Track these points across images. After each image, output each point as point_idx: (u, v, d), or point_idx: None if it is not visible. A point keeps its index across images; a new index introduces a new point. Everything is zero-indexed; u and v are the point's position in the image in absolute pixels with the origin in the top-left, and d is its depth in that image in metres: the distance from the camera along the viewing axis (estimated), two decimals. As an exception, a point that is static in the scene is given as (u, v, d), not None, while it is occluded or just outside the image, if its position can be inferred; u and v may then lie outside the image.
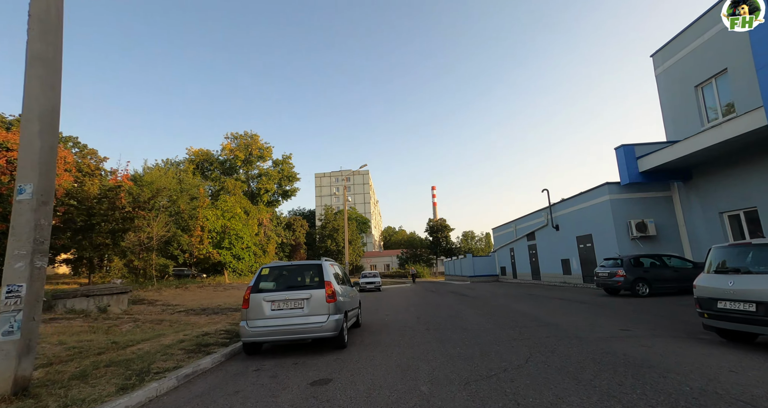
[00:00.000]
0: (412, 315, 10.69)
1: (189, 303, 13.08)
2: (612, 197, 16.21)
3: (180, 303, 13.05)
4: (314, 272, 6.36)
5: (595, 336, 6.23)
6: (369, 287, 25.62)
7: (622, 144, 15.30)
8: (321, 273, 6.19)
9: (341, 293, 6.55)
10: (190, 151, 41.35)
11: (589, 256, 18.27)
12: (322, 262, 6.41)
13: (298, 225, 59.91)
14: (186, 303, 13.19)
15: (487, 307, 11.68)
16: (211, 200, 30.45)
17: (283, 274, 6.43)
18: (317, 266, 6.35)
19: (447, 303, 14.18)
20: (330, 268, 6.56)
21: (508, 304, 12.32)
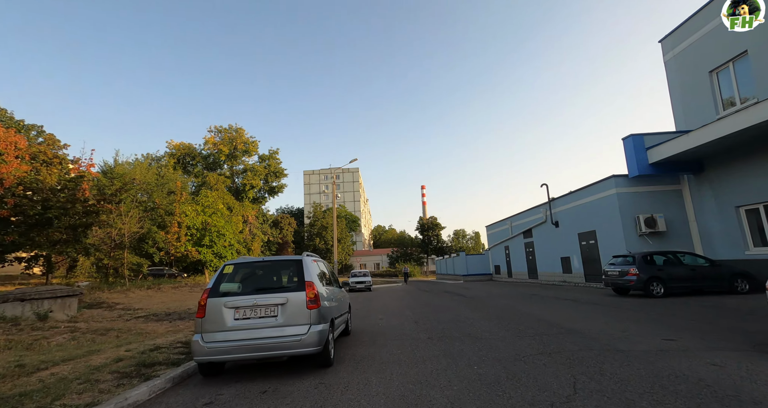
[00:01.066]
0: (408, 319, 9.45)
1: (155, 306, 11.61)
2: (619, 191, 15.23)
3: (145, 306, 11.55)
4: (292, 271, 5.05)
5: (638, 349, 5.07)
6: (359, 287, 24.34)
7: (631, 133, 14.32)
8: (301, 271, 4.89)
9: (327, 296, 5.26)
10: (170, 145, 39.37)
11: (593, 253, 17.30)
12: (303, 258, 5.12)
13: (285, 223, 58.20)
14: (152, 306, 11.70)
15: (491, 310, 10.52)
16: (192, 196, 28.71)
17: (252, 273, 5.11)
18: (296, 263, 5.05)
19: (445, 304, 12.99)
20: (313, 266, 5.27)
21: (514, 306, 11.19)
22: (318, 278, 5.18)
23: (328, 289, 5.59)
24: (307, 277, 4.80)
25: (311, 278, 4.83)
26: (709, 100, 13.44)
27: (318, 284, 4.97)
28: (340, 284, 7.42)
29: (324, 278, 5.82)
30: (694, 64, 13.97)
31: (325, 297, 5.15)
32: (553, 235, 21.12)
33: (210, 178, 33.13)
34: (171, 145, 39.33)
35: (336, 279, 7.24)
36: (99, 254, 18.65)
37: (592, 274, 17.43)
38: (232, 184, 43.21)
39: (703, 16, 13.55)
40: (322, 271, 6.16)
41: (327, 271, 6.52)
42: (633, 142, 14.26)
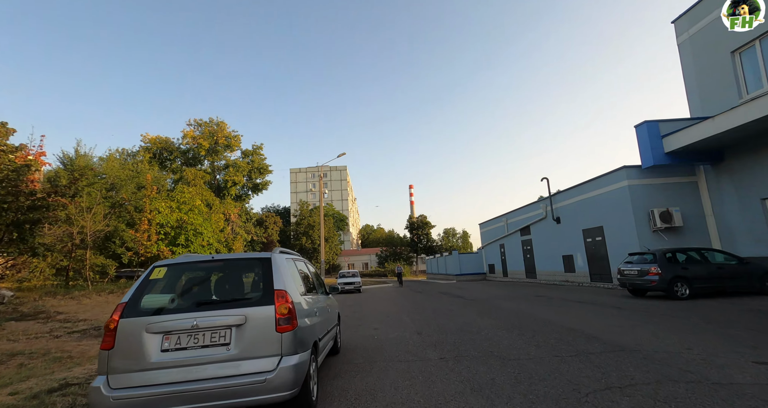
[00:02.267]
0: (409, 328, 7.99)
1: (107, 315, 9.87)
2: (631, 183, 14.07)
3: (93, 316, 9.77)
4: (257, 274, 3.48)
5: (738, 380, 3.70)
6: (348, 288, 22.80)
7: (645, 120, 13.18)
8: (269, 275, 3.35)
9: (307, 310, 3.74)
10: (145, 138, 36.96)
11: (599, 251, 16.15)
12: (273, 256, 3.57)
13: (270, 222, 56.09)
14: (102, 316, 9.93)
15: (501, 314, 9.14)
16: (168, 191, 26.64)
17: (196, 280, 3.55)
18: (262, 263, 3.48)
19: (445, 308, 11.58)
20: (287, 267, 3.72)
21: (525, 310, 9.84)
22: (295, 284, 3.65)
23: (310, 299, 4.07)
24: (278, 284, 3.27)
25: (284, 285, 3.30)
26: (730, 83, 12.37)
27: (294, 293, 3.44)
28: (327, 289, 5.90)
29: (305, 283, 4.30)
30: (713, 45, 12.89)
31: (305, 311, 3.63)
32: (554, 231, 19.96)
33: (188, 174, 31.02)
34: (146, 139, 36.91)
35: (322, 283, 5.72)
36: (57, 255, 16.62)
37: (599, 274, 16.29)
38: (213, 180, 41.05)
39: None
40: (305, 274, 4.64)
41: (310, 274, 5.00)
42: (647, 130, 13.10)
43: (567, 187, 18.48)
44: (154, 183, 22.82)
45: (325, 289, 5.67)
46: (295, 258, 4.49)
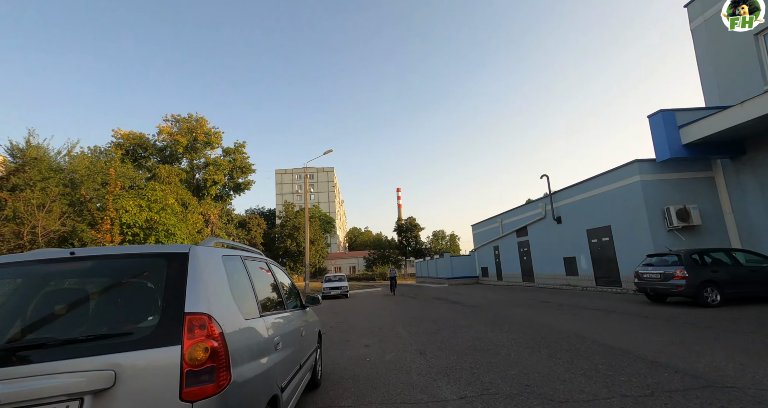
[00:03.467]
0: (408, 346, 6.50)
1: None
2: (644, 178, 12.93)
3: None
4: (155, 285, 1.90)
5: None
6: (334, 293, 21.17)
7: (660, 109, 12.06)
8: (177, 287, 1.78)
9: (260, 344, 2.20)
10: (117, 134, 34.52)
11: (606, 252, 14.98)
12: (191, 252, 1.97)
13: (254, 224, 53.85)
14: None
15: (516, 327, 7.72)
16: (138, 189, 24.54)
17: (26, 296, 1.93)
18: (167, 265, 1.89)
19: (446, 317, 10.12)
20: (218, 271, 2.09)
21: (538, 319, 8.46)
22: (236, 301, 2.09)
23: (270, 323, 2.54)
24: (194, 302, 1.72)
25: (206, 304, 1.76)
26: (753, 69, 11.37)
27: (230, 316, 1.90)
28: (304, 300, 4.33)
29: (263, 297, 2.76)
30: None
31: (256, 346, 2.12)
32: (554, 232, 18.79)
33: (161, 170, 28.89)
34: (118, 134, 34.46)
35: (295, 293, 4.17)
36: (0, 257, 14.53)
37: (605, 277, 15.11)
38: (192, 179, 38.85)
39: (743, -29, 11.47)
40: (265, 282, 3.10)
41: (276, 281, 3.45)
42: (663, 120, 11.99)
43: (569, 185, 17.32)
44: (120, 178, 20.78)
45: (300, 302, 4.14)
46: (250, 256, 2.93)
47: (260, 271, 3.07)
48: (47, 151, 18.42)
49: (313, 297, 4.32)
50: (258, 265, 3.05)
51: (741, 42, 11.68)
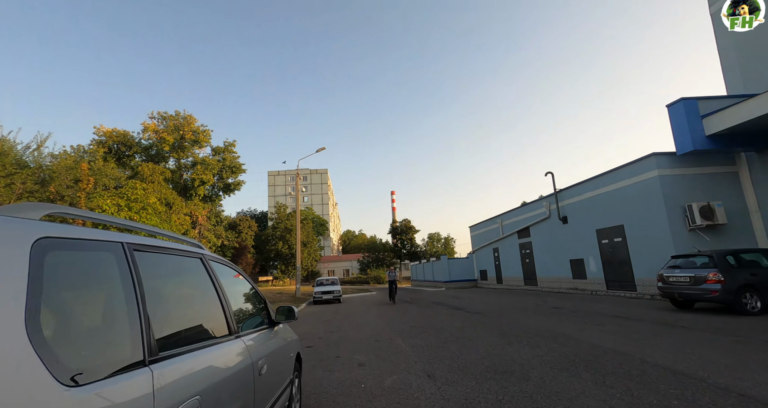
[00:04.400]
0: (413, 365, 5.34)
1: None
2: (662, 173, 11.94)
3: None
4: None
5: None
6: (326, 298, 19.91)
7: (682, 97, 11.12)
8: None
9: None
10: (99, 131, 32.95)
11: (618, 254, 13.96)
12: None
13: (245, 226, 52.36)
14: None
15: (531, 338, 6.59)
16: (116, 187, 23.12)
17: None
18: None
19: (450, 325, 8.96)
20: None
21: (559, 330, 7.31)
22: (55, 336, 0.91)
23: (182, 368, 1.37)
24: None
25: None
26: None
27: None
28: (272, 314, 3.07)
29: (187, 315, 1.60)
30: (759, 10, 10.98)
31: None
32: (559, 233, 17.77)
33: (144, 169, 27.42)
34: (100, 132, 32.88)
35: (259, 304, 2.97)
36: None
37: (618, 281, 14.08)
38: (180, 179, 37.37)
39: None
40: (197, 292, 1.92)
41: (217, 285, 2.23)
42: (684, 109, 11.03)
43: (577, 182, 16.32)
44: (96, 175, 19.39)
45: (268, 318, 2.96)
46: (145, 246, 1.68)
47: (176, 271, 1.87)
48: (13, 145, 17.04)
49: (287, 308, 3.13)
50: (174, 262, 1.84)
51: (766, 25, 10.78)
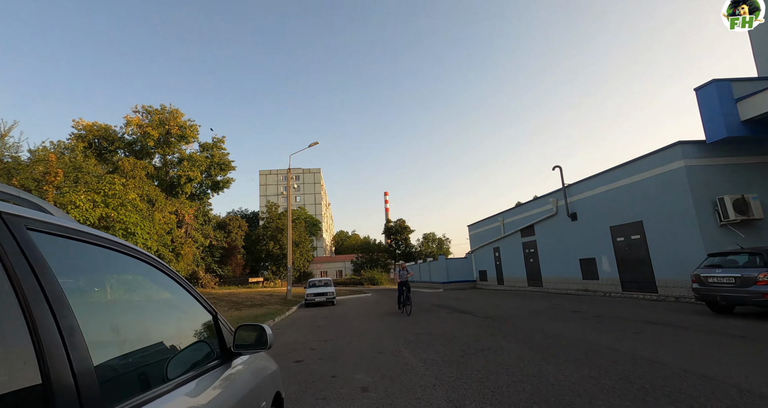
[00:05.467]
0: (431, 389, 4.12)
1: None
2: (689, 163, 10.92)
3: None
4: None
5: None
6: (319, 300, 18.61)
7: (713, 79, 10.10)
8: None
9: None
10: (78, 125, 31.18)
11: (636, 253, 12.93)
12: None
13: (234, 225, 50.69)
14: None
15: (571, 352, 5.40)
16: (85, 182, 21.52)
17: None
18: None
19: (460, 332, 7.76)
20: None
21: (598, 341, 6.12)
22: None
23: None
24: None
25: None
26: (825, 30, 9.49)
27: None
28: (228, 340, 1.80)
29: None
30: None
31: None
32: (567, 230, 16.73)
33: (124, 163, 25.85)
34: (79, 125, 31.10)
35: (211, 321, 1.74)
36: None
37: (635, 281, 13.05)
38: (165, 176, 35.71)
39: None
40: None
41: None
42: (716, 92, 10.02)
43: (588, 176, 15.28)
44: (65, 167, 17.88)
45: (221, 347, 1.72)
46: None
47: None
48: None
49: (253, 329, 1.87)
50: None
51: (806, 0, 9.82)
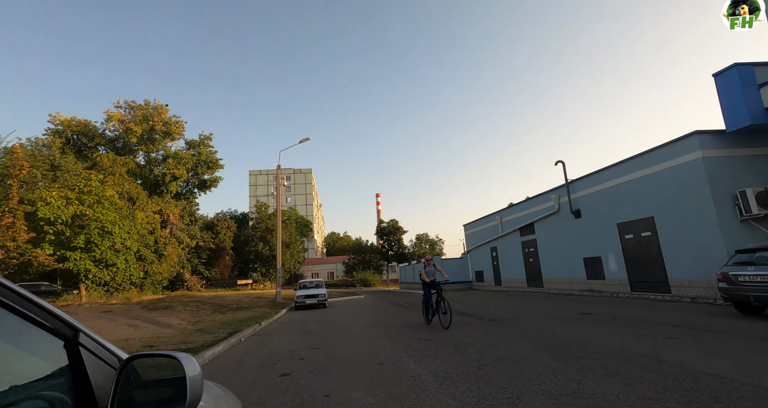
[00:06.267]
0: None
1: None
2: (706, 154, 10.25)
3: None
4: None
5: None
6: (309, 302, 17.58)
7: (735, 63, 9.44)
8: None
9: None
10: (55, 119, 29.60)
11: (646, 251, 12.24)
12: None
13: (223, 226, 49.20)
14: None
15: (607, 362, 4.51)
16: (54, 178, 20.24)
17: None
18: None
19: (468, 338, 6.88)
20: None
21: (632, 347, 5.26)
22: None
23: None
24: None
25: None
26: None
27: None
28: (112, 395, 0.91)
29: None
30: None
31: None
32: (570, 228, 16.03)
33: (103, 159, 24.50)
34: (56, 120, 29.46)
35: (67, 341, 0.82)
36: None
37: (645, 281, 12.36)
38: (149, 174, 34.30)
39: None
40: None
41: None
42: (738, 77, 9.37)
43: (593, 171, 14.58)
44: (33, 160, 16.61)
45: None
46: None
47: None
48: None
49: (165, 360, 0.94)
50: None
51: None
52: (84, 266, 17.44)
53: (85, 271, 17.76)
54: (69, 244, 17.05)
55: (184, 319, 12.38)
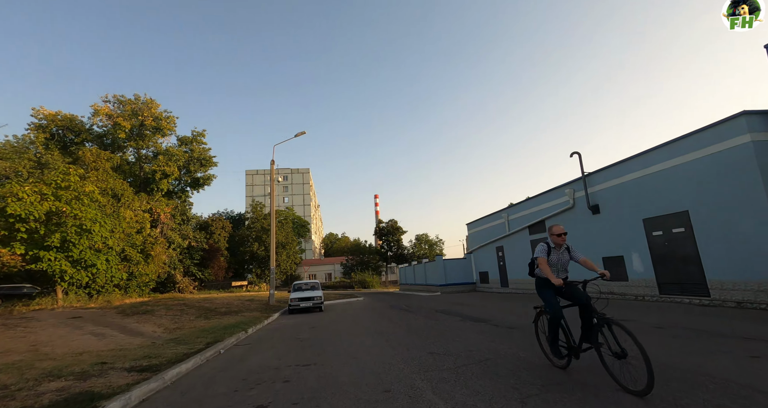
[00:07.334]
0: None
1: None
2: (756, 138, 9.00)
3: None
4: None
5: None
6: (304, 305, 16.28)
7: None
8: None
9: None
10: (38, 114, 28.22)
11: (679, 249, 10.98)
12: None
13: (217, 226, 47.78)
14: None
15: (709, 397, 3.26)
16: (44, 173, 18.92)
17: None
18: None
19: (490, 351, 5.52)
20: None
21: (718, 372, 3.90)
22: None
23: None
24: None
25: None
26: None
27: None
28: None
29: None
30: None
31: None
32: (587, 225, 14.78)
33: (85, 153, 23.14)
34: (40, 114, 28.08)
35: None
36: None
37: (677, 283, 11.09)
38: (139, 171, 32.93)
39: None
40: None
41: None
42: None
43: (615, 162, 13.33)
44: (29, 164, 15.25)
45: None
46: None
47: None
48: None
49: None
50: None
51: None
52: (59, 267, 16.07)
53: (60, 273, 16.39)
54: (42, 242, 15.69)
55: (161, 325, 11.04)
